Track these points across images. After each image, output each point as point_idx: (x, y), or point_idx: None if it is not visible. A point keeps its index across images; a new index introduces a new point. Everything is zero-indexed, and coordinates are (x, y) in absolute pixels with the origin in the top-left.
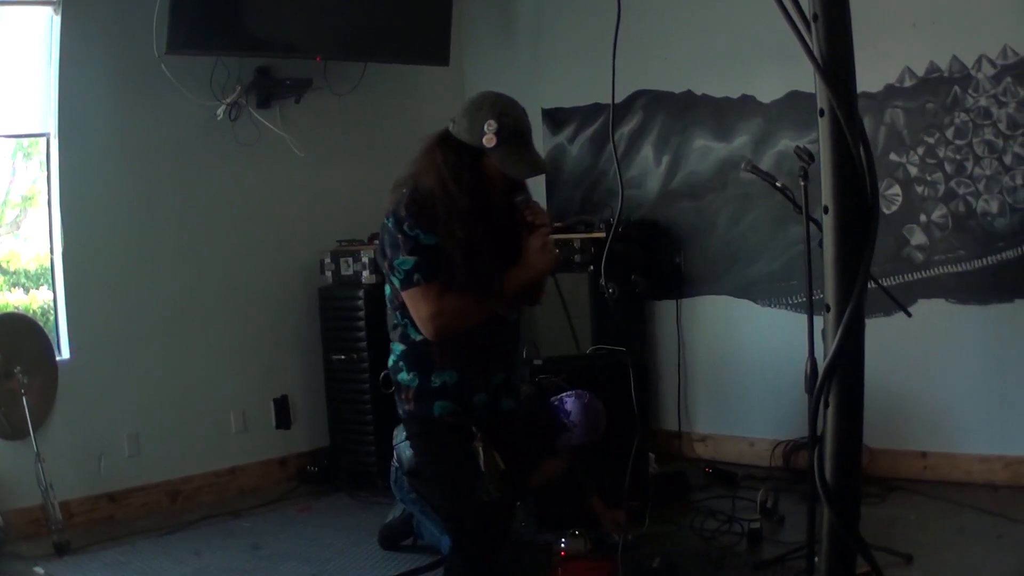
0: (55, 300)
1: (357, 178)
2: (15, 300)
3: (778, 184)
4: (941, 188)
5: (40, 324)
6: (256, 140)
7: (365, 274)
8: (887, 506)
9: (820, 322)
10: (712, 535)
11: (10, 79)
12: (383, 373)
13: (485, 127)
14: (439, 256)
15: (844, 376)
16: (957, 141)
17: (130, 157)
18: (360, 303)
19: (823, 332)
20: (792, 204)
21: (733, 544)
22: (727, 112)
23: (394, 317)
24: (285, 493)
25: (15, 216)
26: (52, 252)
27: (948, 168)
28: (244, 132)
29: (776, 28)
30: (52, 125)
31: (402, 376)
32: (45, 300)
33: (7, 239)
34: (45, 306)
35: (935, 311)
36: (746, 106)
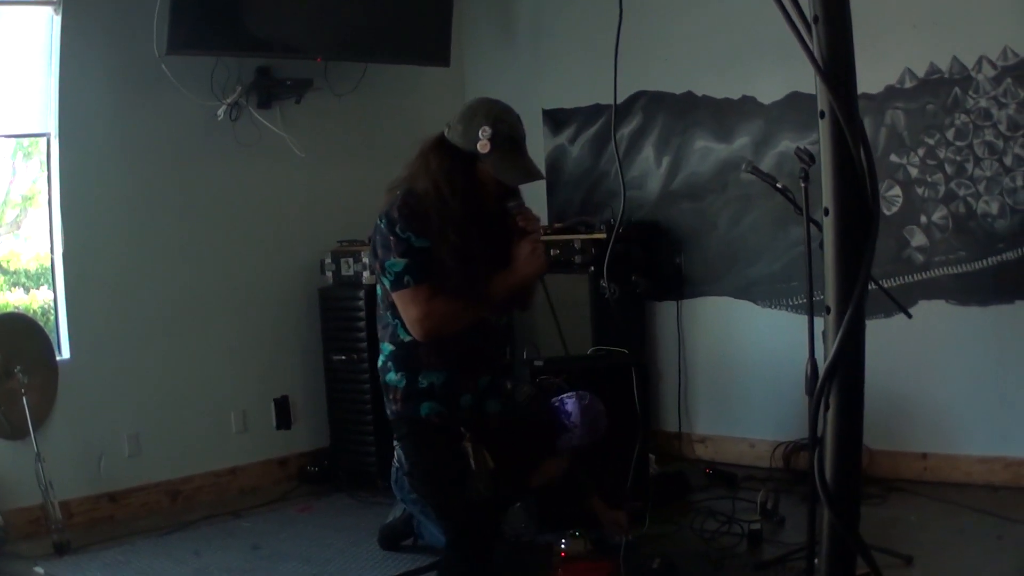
0: (55, 300)
1: (358, 178)
2: (15, 300)
3: (779, 185)
4: (941, 189)
5: (40, 324)
6: (256, 140)
7: (366, 275)
8: (887, 507)
9: (820, 323)
10: (712, 536)
11: (10, 79)
12: None
13: (480, 133)
14: (430, 259)
15: (844, 377)
16: (957, 142)
17: (130, 157)
18: (361, 303)
19: (823, 333)
20: (793, 205)
21: (733, 545)
22: (728, 113)
23: (384, 317)
24: (285, 493)
25: (15, 216)
26: (52, 252)
27: (948, 169)
28: (244, 132)
29: (776, 29)
30: (52, 125)
31: (390, 376)
32: (45, 300)
33: (7, 239)
34: (45, 306)
35: (935, 312)
36: (747, 107)
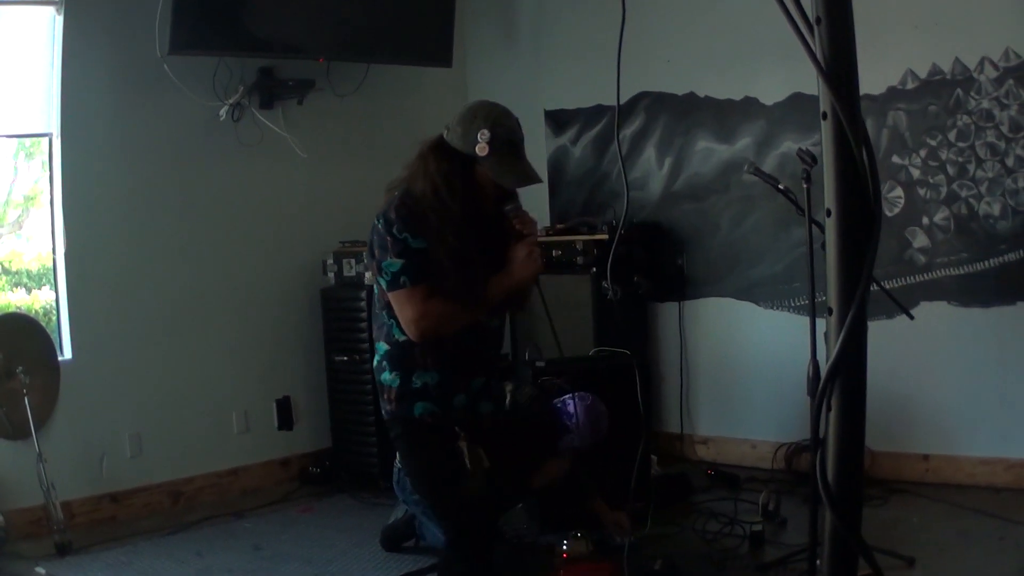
0: (57, 300)
1: (359, 179)
2: (17, 300)
3: (781, 186)
4: (943, 190)
5: (42, 324)
6: (258, 141)
7: (368, 275)
8: (889, 508)
9: (823, 324)
10: (714, 537)
11: (12, 79)
12: None
13: (478, 136)
14: (427, 260)
15: (846, 379)
16: (959, 143)
17: (132, 157)
18: (362, 304)
19: (825, 335)
20: (795, 206)
21: (735, 546)
22: (730, 114)
23: (380, 317)
24: (287, 494)
25: (17, 216)
26: (54, 252)
27: (950, 170)
28: (246, 133)
29: (779, 30)
30: (54, 125)
31: (385, 376)
32: (47, 300)
33: (9, 239)
34: (47, 306)
35: (937, 313)
36: (749, 108)
